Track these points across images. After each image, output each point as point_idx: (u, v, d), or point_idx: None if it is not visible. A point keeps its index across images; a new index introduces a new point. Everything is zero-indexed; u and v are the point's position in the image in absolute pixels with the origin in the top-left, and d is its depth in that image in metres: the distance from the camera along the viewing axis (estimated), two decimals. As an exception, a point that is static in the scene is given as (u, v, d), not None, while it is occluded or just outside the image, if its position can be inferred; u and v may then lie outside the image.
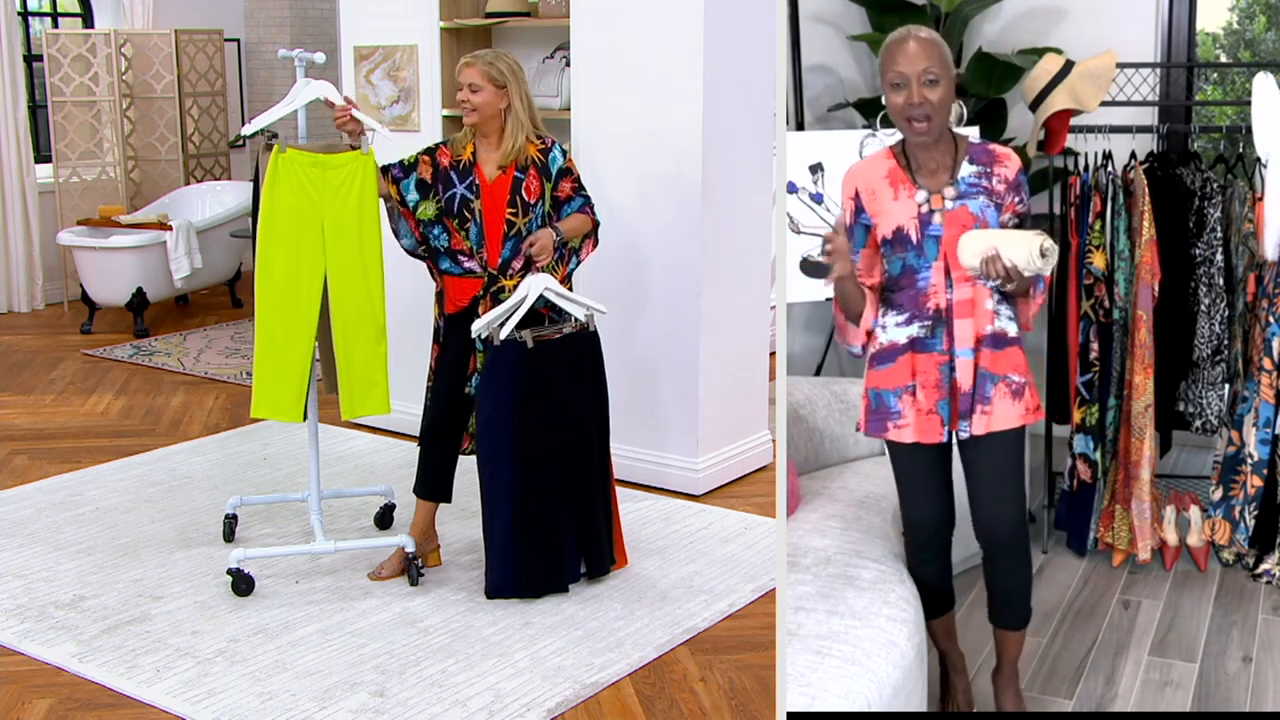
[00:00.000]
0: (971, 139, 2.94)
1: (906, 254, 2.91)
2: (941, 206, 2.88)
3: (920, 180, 2.91)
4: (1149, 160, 4.18)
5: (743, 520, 4.66)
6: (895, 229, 2.90)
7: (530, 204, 3.93)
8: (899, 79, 2.79)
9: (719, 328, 4.93)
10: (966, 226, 2.86)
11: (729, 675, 3.55)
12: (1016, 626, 3.13)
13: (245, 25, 9.71)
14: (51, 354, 7.30)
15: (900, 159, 2.93)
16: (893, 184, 2.92)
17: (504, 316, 3.84)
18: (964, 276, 2.87)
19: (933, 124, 2.82)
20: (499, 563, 3.95)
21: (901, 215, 2.90)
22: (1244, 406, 4.01)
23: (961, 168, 2.90)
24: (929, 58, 2.77)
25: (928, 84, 2.77)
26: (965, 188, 2.89)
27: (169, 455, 5.44)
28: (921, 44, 2.79)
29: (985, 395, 2.90)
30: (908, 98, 2.79)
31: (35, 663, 3.61)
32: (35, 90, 8.98)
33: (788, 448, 3.45)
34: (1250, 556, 4.03)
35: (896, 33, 2.83)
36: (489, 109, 3.89)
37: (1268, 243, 3.87)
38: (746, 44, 4.87)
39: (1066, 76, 4.06)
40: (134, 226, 7.93)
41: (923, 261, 2.90)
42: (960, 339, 2.89)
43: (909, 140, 2.91)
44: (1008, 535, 3.00)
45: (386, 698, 3.39)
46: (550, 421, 3.91)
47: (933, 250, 2.88)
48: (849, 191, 2.98)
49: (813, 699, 2.52)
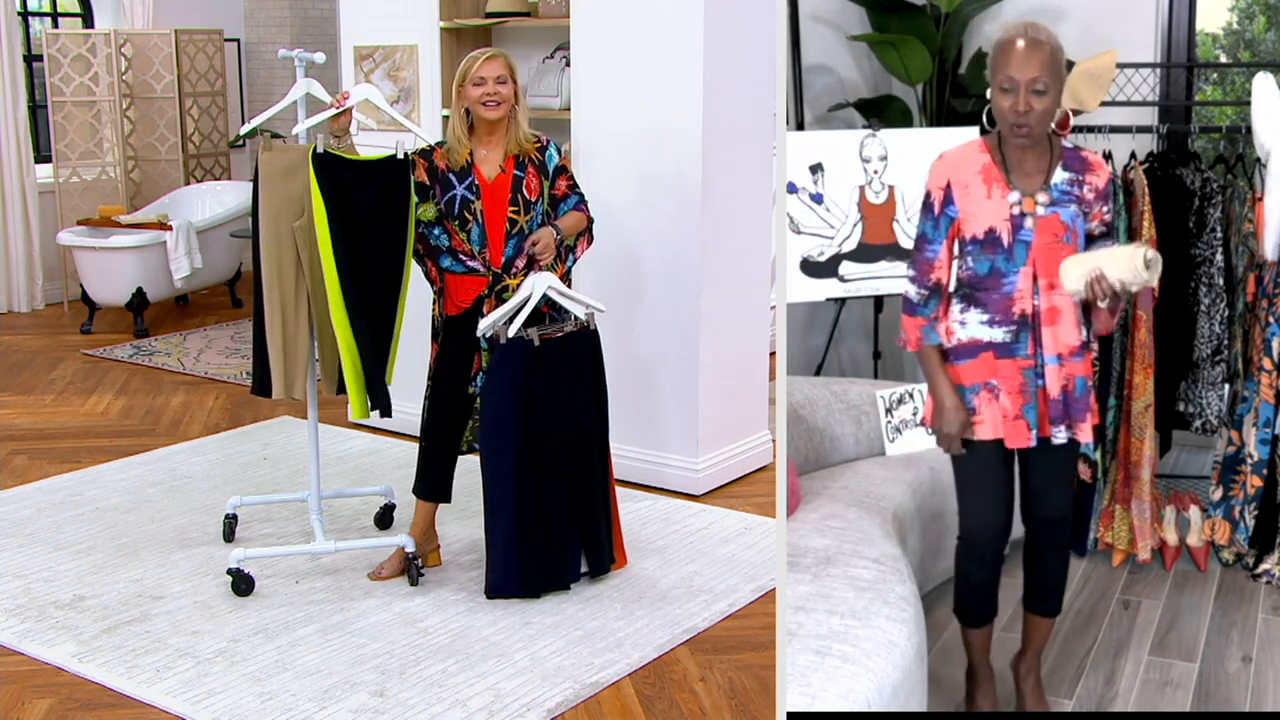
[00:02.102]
0: (1065, 143, 2.91)
1: (996, 256, 2.88)
2: (1034, 211, 2.85)
3: (1015, 180, 2.87)
4: (1149, 160, 4.18)
5: (743, 520, 4.66)
6: (987, 229, 2.87)
7: (532, 202, 3.94)
8: (1008, 84, 2.75)
9: (719, 328, 4.93)
10: (1058, 235, 2.84)
11: (729, 675, 3.55)
12: (1054, 613, 3.18)
13: (245, 25, 9.71)
14: (51, 354, 7.30)
15: (996, 155, 2.89)
16: (986, 181, 2.88)
17: (509, 315, 3.84)
18: (1050, 284, 2.86)
19: (1035, 132, 2.79)
20: (500, 562, 3.95)
21: (994, 215, 2.87)
22: (1244, 406, 4.01)
23: (1055, 173, 2.87)
24: (1040, 66, 2.73)
25: (1035, 93, 2.74)
26: (1058, 194, 2.86)
27: (169, 455, 5.44)
28: (1032, 49, 2.73)
29: (1087, 403, 2.93)
30: (1014, 104, 2.75)
31: (35, 663, 3.61)
32: (35, 90, 8.98)
33: (788, 448, 3.45)
34: (1250, 556, 4.02)
35: (1010, 30, 2.77)
36: (510, 102, 3.90)
37: (1268, 243, 3.87)
38: (746, 44, 4.87)
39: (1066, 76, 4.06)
40: (134, 226, 7.93)
41: (1011, 265, 2.87)
42: (1048, 346, 2.89)
43: (1011, 144, 2.87)
44: (1061, 516, 3.08)
45: (386, 698, 3.39)
46: (554, 420, 3.91)
47: (1022, 255, 2.86)
48: (939, 181, 2.92)
49: (813, 699, 2.52)
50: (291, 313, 3.97)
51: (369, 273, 3.88)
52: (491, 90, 3.86)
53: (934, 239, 2.94)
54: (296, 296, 3.97)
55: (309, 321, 4.01)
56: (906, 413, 4.12)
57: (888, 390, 4.15)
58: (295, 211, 3.94)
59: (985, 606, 3.15)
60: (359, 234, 3.84)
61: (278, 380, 4.00)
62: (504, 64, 3.89)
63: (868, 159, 4.44)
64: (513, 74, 3.91)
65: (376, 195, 3.85)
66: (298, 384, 4.02)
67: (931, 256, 2.95)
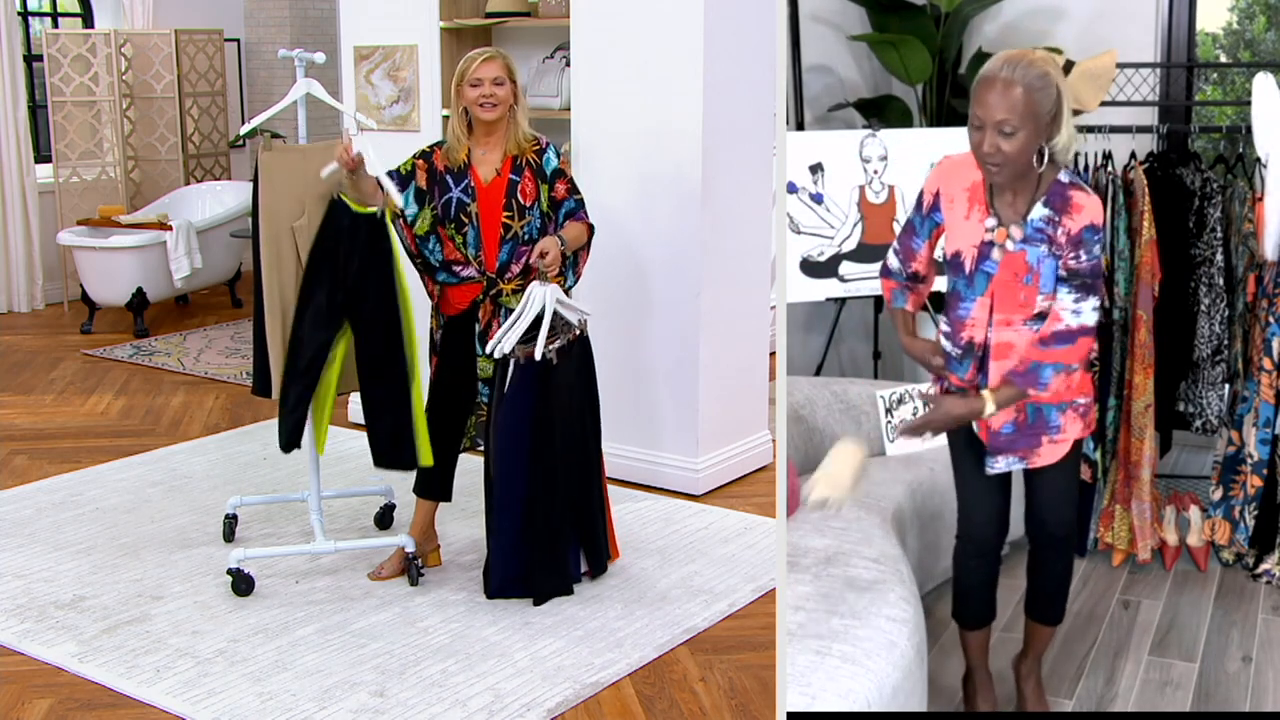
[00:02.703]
0: (1060, 177, 2.78)
1: (958, 279, 2.89)
2: (1003, 243, 2.81)
3: (997, 205, 2.83)
4: (1149, 160, 4.18)
5: (743, 520, 4.66)
6: (955, 252, 2.88)
7: (526, 207, 3.92)
8: (977, 121, 2.72)
9: (719, 328, 4.93)
10: (1018, 275, 2.79)
11: (729, 675, 3.55)
12: (1056, 621, 3.18)
13: (245, 25, 9.71)
14: (51, 354, 7.30)
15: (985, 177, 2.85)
16: (971, 200, 2.85)
17: (524, 333, 3.80)
18: (1006, 320, 2.84)
19: (1004, 170, 2.73)
20: (501, 563, 3.94)
21: (966, 238, 2.85)
22: (1244, 406, 4.01)
23: (1036, 209, 2.77)
24: (1009, 109, 2.67)
25: (1002, 135, 2.69)
26: (1031, 231, 2.78)
27: (169, 455, 5.44)
28: (1005, 90, 2.67)
29: (1049, 427, 2.92)
30: (979, 141, 2.73)
31: (35, 663, 3.61)
32: (35, 90, 8.98)
33: (788, 448, 3.45)
34: (1250, 556, 4.02)
35: (990, 66, 2.72)
36: (507, 103, 3.90)
37: (1268, 243, 3.87)
38: (746, 44, 4.87)
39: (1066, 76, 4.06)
40: (134, 226, 7.93)
41: (970, 292, 2.86)
42: (993, 377, 2.87)
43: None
44: (1065, 533, 3.08)
45: (386, 698, 3.39)
46: (556, 425, 3.91)
47: (982, 285, 2.84)
48: (931, 186, 2.92)
49: (813, 699, 2.52)
50: (291, 312, 3.97)
51: (366, 323, 3.90)
52: (488, 92, 3.85)
53: (919, 234, 2.99)
54: (296, 296, 3.97)
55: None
56: (906, 413, 4.12)
57: (888, 390, 4.15)
58: (295, 212, 3.94)
59: (984, 608, 3.15)
60: (347, 281, 3.87)
61: (278, 380, 4.00)
62: (501, 65, 3.88)
63: (868, 159, 4.45)
64: (511, 75, 3.90)
65: (362, 253, 3.86)
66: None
67: (915, 247, 3.00)
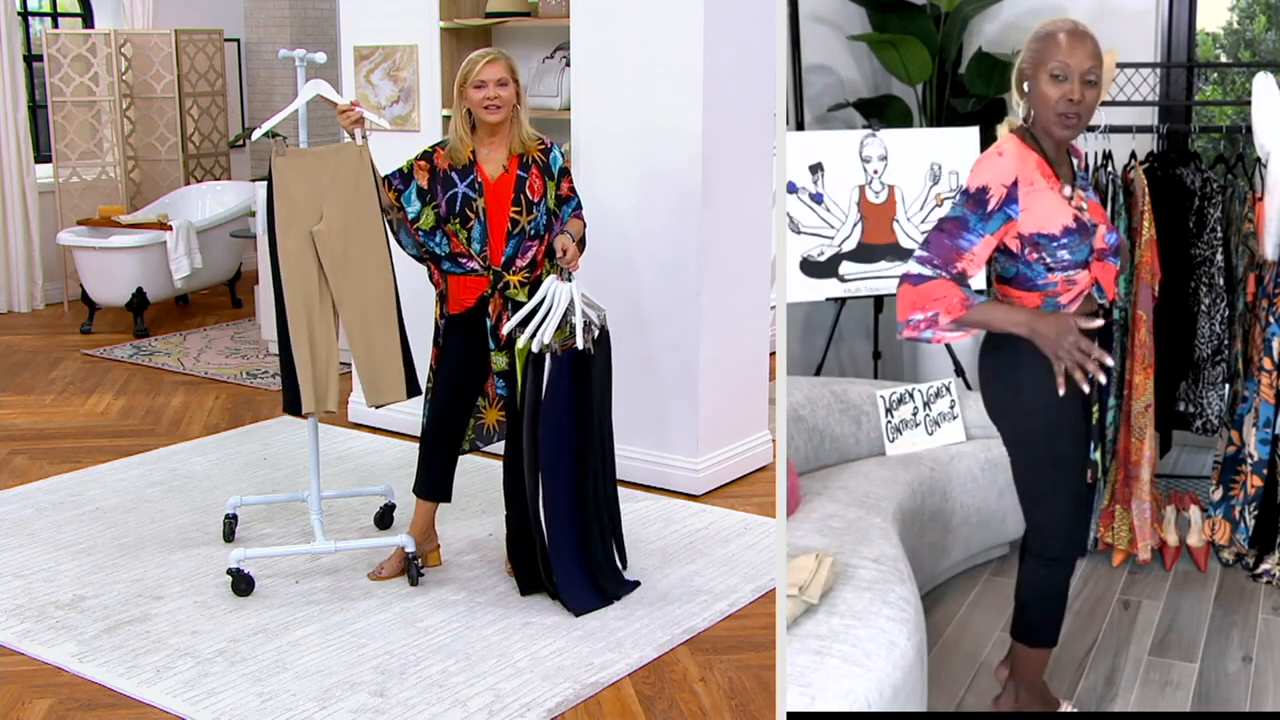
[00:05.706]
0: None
1: (1083, 246, 2.76)
2: (1082, 203, 2.78)
3: (1061, 174, 2.79)
4: (1149, 160, 4.18)
5: (743, 520, 4.66)
6: (1041, 232, 2.73)
7: (534, 202, 3.94)
8: (1061, 71, 2.62)
9: (719, 328, 4.93)
10: (1101, 222, 2.81)
11: (729, 675, 3.55)
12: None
13: (245, 25, 9.71)
14: (51, 354, 7.30)
15: (1038, 151, 2.76)
16: (1043, 176, 2.75)
17: (556, 324, 3.80)
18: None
19: (1082, 124, 2.68)
20: (570, 577, 3.91)
21: (1055, 217, 2.74)
22: (1244, 406, 4.01)
23: (1073, 163, 2.86)
24: (1093, 56, 2.62)
25: (1088, 84, 2.63)
26: (1083, 182, 2.84)
27: (169, 455, 5.44)
28: (1085, 39, 2.61)
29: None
30: (1066, 93, 2.63)
31: (35, 663, 3.61)
32: (35, 90, 8.99)
33: (788, 448, 3.45)
34: (1250, 556, 4.02)
35: (1055, 22, 2.66)
36: (511, 104, 3.90)
37: (1268, 243, 3.87)
38: (746, 44, 4.87)
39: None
40: (134, 226, 7.94)
41: (1076, 258, 2.76)
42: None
43: (1053, 135, 2.74)
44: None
45: (386, 698, 3.39)
46: (596, 417, 3.92)
47: (1086, 252, 2.79)
48: (1004, 176, 2.71)
49: (813, 699, 2.52)
50: (319, 321, 3.93)
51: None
52: (493, 94, 3.86)
53: (975, 230, 2.72)
54: (321, 303, 3.94)
55: (335, 328, 3.98)
56: (906, 413, 4.12)
57: (888, 390, 4.15)
58: (314, 217, 3.91)
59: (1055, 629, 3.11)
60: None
61: (307, 394, 3.92)
62: (505, 66, 3.89)
63: (867, 159, 4.45)
64: (514, 75, 3.91)
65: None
66: (330, 395, 3.97)
67: (965, 246, 2.72)
